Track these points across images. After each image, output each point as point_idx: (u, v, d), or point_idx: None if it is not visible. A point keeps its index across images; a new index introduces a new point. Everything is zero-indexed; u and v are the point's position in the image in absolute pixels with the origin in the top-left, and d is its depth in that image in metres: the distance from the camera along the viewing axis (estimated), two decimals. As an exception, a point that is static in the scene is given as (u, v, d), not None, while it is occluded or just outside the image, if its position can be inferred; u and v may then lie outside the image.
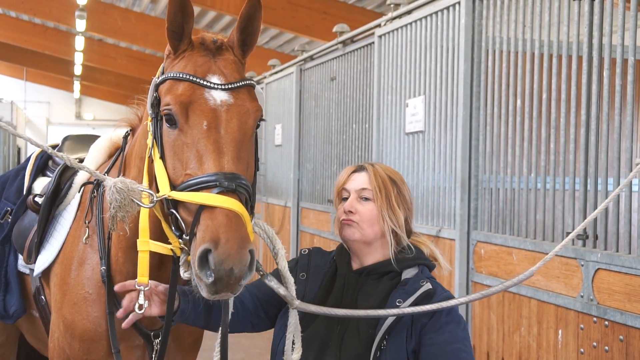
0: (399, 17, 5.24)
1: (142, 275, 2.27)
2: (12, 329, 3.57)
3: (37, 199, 3.00)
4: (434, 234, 4.49)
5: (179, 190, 2.03)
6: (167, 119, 2.11)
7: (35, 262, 2.85)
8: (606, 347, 3.11)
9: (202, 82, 2.09)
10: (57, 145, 3.38)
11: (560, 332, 3.42)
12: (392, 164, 5.13)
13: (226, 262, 1.86)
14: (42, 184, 3.17)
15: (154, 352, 2.55)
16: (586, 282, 3.24)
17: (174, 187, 2.07)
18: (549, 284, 3.48)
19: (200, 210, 1.96)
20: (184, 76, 2.11)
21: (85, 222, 2.66)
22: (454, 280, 4.25)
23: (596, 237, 3.27)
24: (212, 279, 1.89)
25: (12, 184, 3.41)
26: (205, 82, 2.10)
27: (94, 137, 3.17)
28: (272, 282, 2.19)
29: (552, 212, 3.60)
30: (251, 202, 2.08)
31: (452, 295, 2.38)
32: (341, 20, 8.26)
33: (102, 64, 20.90)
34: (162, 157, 2.13)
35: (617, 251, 3.13)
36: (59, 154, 2.19)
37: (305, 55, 7.34)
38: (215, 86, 2.10)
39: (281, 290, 2.19)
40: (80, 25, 15.19)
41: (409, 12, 5.09)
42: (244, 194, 2.01)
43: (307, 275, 2.50)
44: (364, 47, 5.88)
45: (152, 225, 2.27)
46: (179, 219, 2.05)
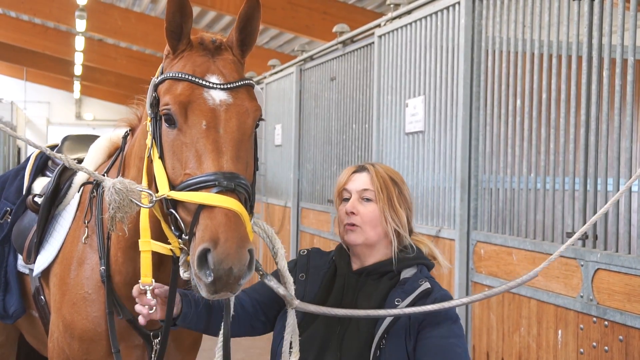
0: (399, 17, 5.23)
1: (146, 275, 2.27)
2: (12, 329, 3.57)
3: (36, 199, 3.00)
4: (433, 234, 4.49)
5: (178, 190, 2.03)
6: (166, 119, 2.11)
7: (34, 262, 2.85)
8: (606, 347, 3.10)
9: (201, 81, 2.09)
10: (57, 145, 3.38)
11: (560, 332, 3.42)
12: (392, 164, 5.13)
13: (225, 261, 1.86)
14: (41, 184, 3.17)
15: (153, 352, 2.55)
16: (586, 282, 3.24)
17: (173, 187, 2.07)
18: (548, 284, 3.48)
19: (199, 209, 1.96)
20: (182, 76, 2.11)
21: (84, 222, 2.66)
22: (453, 280, 4.25)
23: (596, 237, 3.26)
24: (211, 279, 1.89)
25: (11, 184, 3.41)
26: (204, 82, 2.09)
27: (94, 137, 3.17)
28: (272, 282, 2.19)
29: (552, 212, 3.60)
30: (250, 201, 2.07)
31: (449, 293, 2.38)
32: (341, 20, 8.25)
33: (102, 64, 20.90)
34: (161, 157, 2.13)
35: (616, 251, 3.13)
36: (58, 155, 2.19)
37: (305, 55, 7.34)
38: (214, 86, 2.10)
39: (281, 290, 2.19)
40: (80, 25, 15.19)
41: (408, 12, 5.09)
42: (243, 194, 2.01)
43: (307, 275, 2.50)
44: (363, 47, 5.88)
45: (152, 225, 2.27)
46: (178, 218, 2.05)
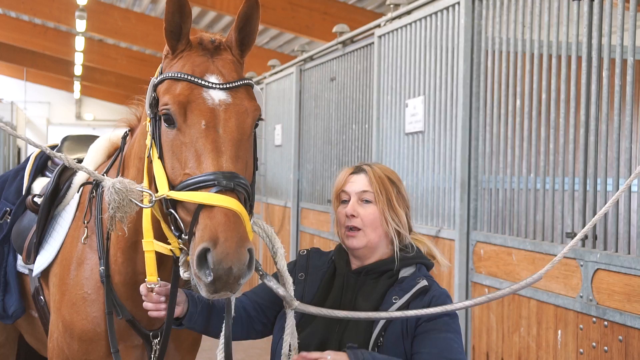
0: (399, 17, 5.23)
1: (151, 274, 2.28)
2: (12, 329, 3.57)
3: (36, 199, 3.00)
4: (433, 234, 4.49)
5: (178, 189, 2.03)
6: (165, 119, 2.11)
7: (34, 263, 2.85)
8: (605, 348, 3.10)
9: (200, 81, 2.09)
10: (56, 145, 3.39)
11: (559, 332, 3.42)
12: (391, 164, 5.13)
13: (225, 261, 1.86)
14: (41, 184, 3.17)
15: (153, 352, 2.55)
16: (585, 282, 3.23)
17: (172, 186, 2.07)
18: (548, 284, 3.48)
19: (198, 209, 1.96)
20: (182, 76, 2.11)
21: (84, 222, 2.66)
22: (453, 280, 4.25)
23: (595, 238, 3.26)
24: (211, 278, 1.89)
25: (11, 184, 3.41)
26: (203, 82, 2.09)
27: (93, 138, 3.17)
28: (272, 282, 2.18)
29: (552, 212, 3.60)
30: (250, 201, 2.07)
31: (447, 291, 2.38)
32: (341, 20, 8.26)
33: (102, 65, 20.90)
34: (161, 157, 2.13)
35: (616, 251, 3.13)
36: (57, 154, 2.20)
37: (305, 55, 7.34)
38: (213, 86, 2.10)
39: (280, 290, 2.19)
40: (80, 25, 15.19)
41: (408, 13, 5.09)
42: (243, 193, 2.01)
43: (306, 275, 2.50)
44: (363, 47, 5.88)
45: (153, 225, 2.27)
46: (178, 218, 2.05)
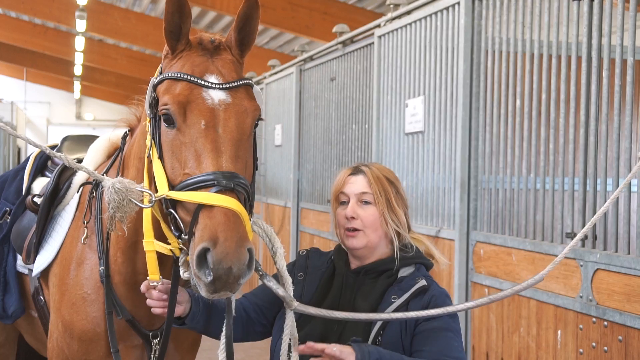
0: (399, 17, 5.23)
1: (153, 273, 2.28)
2: (11, 329, 3.57)
3: (35, 199, 3.00)
4: (433, 234, 4.49)
5: (178, 189, 2.03)
6: (165, 119, 2.11)
7: (34, 262, 2.85)
8: (605, 348, 3.10)
9: (199, 81, 2.09)
10: (56, 145, 3.38)
11: (559, 332, 3.41)
12: (391, 164, 5.13)
13: (224, 260, 1.86)
14: (41, 184, 3.17)
15: (152, 352, 2.55)
16: (585, 282, 3.23)
17: (172, 186, 2.07)
18: (548, 285, 3.48)
19: (198, 209, 1.96)
20: (181, 76, 2.11)
21: (83, 222, 2.66)
22: (453, 280, 4.25)
23: (595, 238, 3.26)
24: (210, 278, 1.89)
25: (11, 184, 3.41)
26: (202, 82, 2.09)
27: (93, 138, 3.17)
28: (271, 283, 2.18)
29: (552, 212, 3.60)
30: (250, 201, 2.07)
31: (446, 291, 2.38)
32: (341, 20, 8.26)
33: (103, 65, 20.90)
34: (161, 157, 2.13)
35: (616, 251, 3.13)
36: (57, 154, 2.20)
37: (305, 55, 7.34)
38: (212, 86, 2.10)
39: (280, 291, 2.18)
40: (80, 25, 15.19)
41: (408, 13, 5.09)
42: (243, 193, 2.01)
43: (305, 275, 2.50)
44: (363, 47, 5.88)
45: (153, 225, 2.27)
46: (178, 218, 2.05)
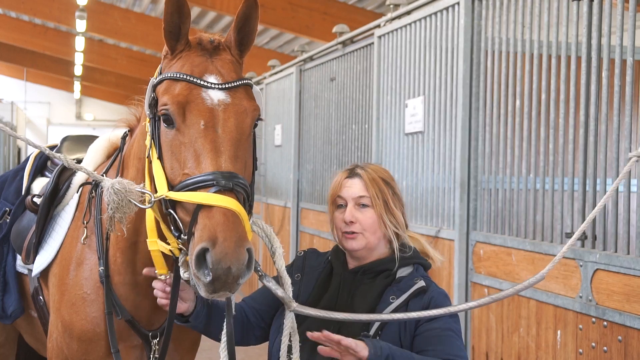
0: (399, 17, 5.23)
1: (161, 268, 2.30)
2: (11, 329, 3.57)
3: (35, 199, 3.00)
4: (433, 234, 4.49)
5: (177, 190, 2.03)
6: (164, 119, 2.11)
7: (33, 263, 2.85)
8: (605, 348, 3.10)
9: (199, 81, 2.09)
10: (56, 145, 3.38)
11: (559, 332, 3.41)
12: (391, 164, 5.13)
13: (224, 260, 1.86)
14: (40, 184, 3.17)
15: (152, 353, 2.55)
16: (585, 282, 3.23)
17: (172, 187, 2.07)
18: (547, 285, 3.48)
19: (197, 209, 1.96)
20: (181, 76, 2.11)
21: (83, 223, 2.66)
22: (453, 280, 4.25)
23: (595, 238, 3.26)
24: (209, 278, 1.89)
25: (10, 184, 3.41)
26: (202, 82, 2.09)
27: (93, 138, 3.17)
28: (270, 283, 2.18)
29: (551, 212, 3.60)
30: (249, 201, 2.07)
31: (445, 292, 2.38)
32: (341, 20, 8.25)
33: (103, 65, 20.89)
34: (160, 157, 2.13)
35: (615, 252, 3.13)
36: (57, 155, 2.20)
37: (305, 55, 7.34)
38: (212, 86, 2.10)
39: (279, 291, 2.18)
40: (80, 25, 15.18)
41: (408, 13, 5.09)
42: (242, 193, 2.01)
43: (302, 275, 2.50)
44: (363, 47, 5.88)
45: (155, 224, 2.27)
46: (177, 219, 2.05)
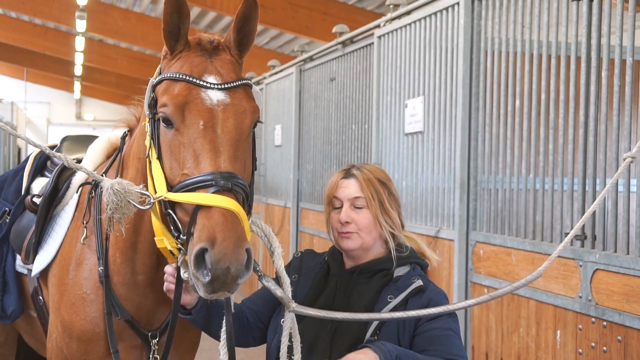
0: (399, 17, 5.23)
1: (173, 260, 2.27)
2: (11, 329, 3.57)
3: (35, 199, 3.00)
4: (433, 234, 4.49)
5: (176, 190, 2.03)
6: (163, 119, 2.11)
7: (33, 263, 2.85)
8: (604, 348, 3.10)
9: (198, 82, 2.09)
10: (56, 145, 3.39)
11: (558, 332, 3.41)
12: (391, 164, 5.13)
13: (222, 261, 1.86)
14: (40, 185, 3.17)
15: (152, 353, 2.56)
16: (584, 282, 3.23)
17: (171, 187, 2.07)
18: (547, 285, 3.48)
19: (196, 210, 1.96)
20: (180, 76, 2.11)
21: (83, 223, 2.66)
22: (452, 280, 4.25)
23: (594, 238, 3.26)
24: (208, 278, 1.89)
25: (10, 184, 3.41)
26: (201, 82, 2.10)
27: (93, 138, 3.17)
28: (269, 283, 2.18)
29: (551, 212, 3.60)
30: (248, 201, 2.08)
31: (443, 291, 2.39)
32: (341, 20, 8.26)
33: (103, 65, 20.89)
34: (159, 157, 2.13)
35: (615, 252, 3.13)
36: (57, 154, 2.20)
37: (305, 55, 7.34)
38: (211, 86, 2.10)
39: (278, 292, 2.17)
40: (80, 25, 15.19)
41: (408, 13, 5.09)
42: (241, 193, 2.01)
43: (299, 276, 2.51)
44: (363, 47, 5.88)
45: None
46: (176, 219, 2.05)
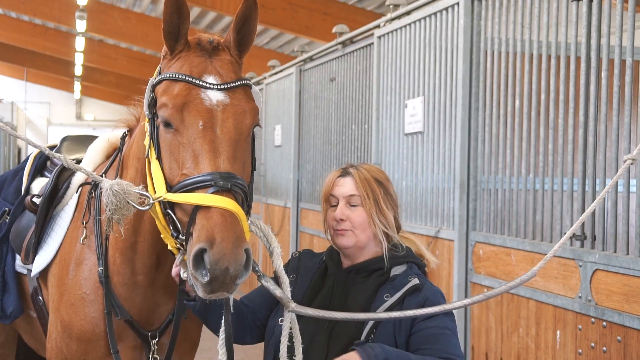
0: (398, 17, 5.24)
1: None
2: (11, 329, 3.57)
3: (34, 200, 3.00)
4: (432, 234, 4.49)
5: (175, 190, 2.03)
6: (163, 120, 2.11)
7: (32, 263, 2.85)
8: (604, 348, 3.10)
9: (198, 82, 2.09)
10: (56, 145, 3.39)
11: (558, 332, 3.41)
12: (391, 164, 5.13)
13: (221, 261, 1.86)
14: (40, 185, 3.17)
15: (151, 353, 2.56)
16: (584, 282, 3.23)
17: (170, 187, 2.07)
18: (547, 285, 3.48)
19: (195, 210, 1.96)
20: (180, 76, 2.11)
21: (82, 223, 2.66)
22: (452, 280, 4.25)
23: (594, 238, 3.26)
24: (207, 279, 1.89)
25: (10, 184, 3.41)
26: (201, 82, 2.10)
27: (92, 138, 3.17)
28: (269, 283, 2.18)
29: (551, 212, 3.60)
30: (248, 201, 2.07)
31: (440, 290, 2.39)
32: (341, 21, 8.26)
33: (103, 65, 20.89)
34: (159, 157, 2.13)
35: (615, 252, 3.13)
36: (56, 155, 2.20)
37: (305, 56, 7.34)
38: (211, 86, 2.10)
39: (277, 292, 2.18)
40: (80, 25, 15.18)
41: (408, 13, 5.09)
42: (240, 194, 2.01)
43: (297, 276, 2.52)
44: (363, 47, 5.88)
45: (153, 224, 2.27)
46: (176, 219, 2.05)
